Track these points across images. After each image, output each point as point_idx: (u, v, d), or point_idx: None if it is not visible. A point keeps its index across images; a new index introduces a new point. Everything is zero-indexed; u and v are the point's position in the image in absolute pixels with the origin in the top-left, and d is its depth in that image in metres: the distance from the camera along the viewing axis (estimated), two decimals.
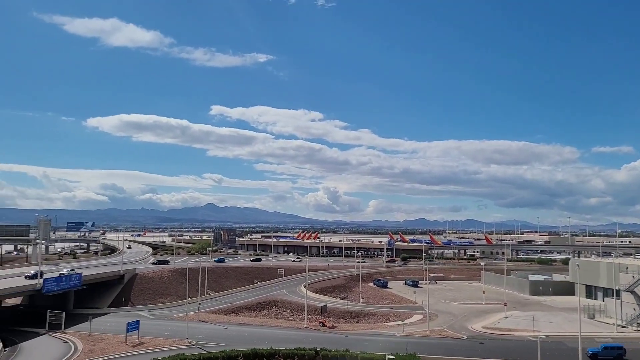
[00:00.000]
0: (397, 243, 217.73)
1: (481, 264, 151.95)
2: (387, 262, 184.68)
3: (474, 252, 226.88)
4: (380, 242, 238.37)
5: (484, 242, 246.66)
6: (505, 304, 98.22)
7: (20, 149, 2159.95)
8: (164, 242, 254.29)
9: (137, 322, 73.34)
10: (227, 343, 69.10)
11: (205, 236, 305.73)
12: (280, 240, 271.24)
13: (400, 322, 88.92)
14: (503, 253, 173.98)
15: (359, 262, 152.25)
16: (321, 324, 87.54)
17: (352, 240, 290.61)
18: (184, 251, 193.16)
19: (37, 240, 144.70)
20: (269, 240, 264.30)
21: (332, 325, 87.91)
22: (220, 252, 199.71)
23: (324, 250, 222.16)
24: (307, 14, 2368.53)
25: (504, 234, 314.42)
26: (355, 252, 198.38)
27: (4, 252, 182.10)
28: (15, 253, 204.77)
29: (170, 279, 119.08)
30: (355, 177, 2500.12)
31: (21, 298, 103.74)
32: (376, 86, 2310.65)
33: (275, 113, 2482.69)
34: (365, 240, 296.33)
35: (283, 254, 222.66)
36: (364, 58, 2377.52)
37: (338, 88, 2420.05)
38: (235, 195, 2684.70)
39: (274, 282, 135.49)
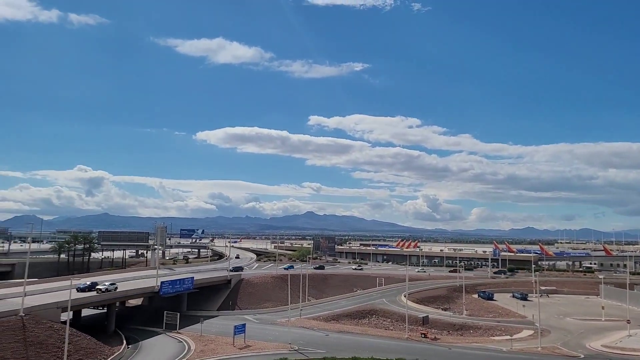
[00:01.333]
0: (502, 253, 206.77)
1: (599, 277, 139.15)
2: (450, 271, 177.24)
3: (590, 264, 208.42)
4: (485, 251, 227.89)
5: (603, 253, 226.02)
6: (628, 321, 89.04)
7: (141, 163, 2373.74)
8: (267, 249, 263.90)
9: (243, 325, 76.76)
10: (327, 350, 69.88)
11: (306, 243, 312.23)
12: (379, 248, 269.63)
13: (508, 337, 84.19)
14: (625, 265, 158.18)
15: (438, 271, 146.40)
16: (423, 335, 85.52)
17: (454, 249, 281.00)
18: (286, 258, 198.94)
19: (155, 246, 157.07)
20: (368, 248, 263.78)
21: (435, 337, 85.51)
22: (320, 259, 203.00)
23: (424, 260, 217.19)
24: (402, 19, 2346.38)
25: (626, 244, 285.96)
26: (457, 262, 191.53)
27: (127, 257, 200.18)
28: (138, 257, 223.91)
29: (273, 284, 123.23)
30: (456, 184, 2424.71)
31: (142, 299, 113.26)
32: (477, 89, 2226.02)
33: (372, 121, 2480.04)
34: (468, 249, 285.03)
35: (382, 262, 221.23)
36: (463, 60, 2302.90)
37: (436, 93, 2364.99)
38: (334, 204, 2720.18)
39: (373, 291, 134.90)
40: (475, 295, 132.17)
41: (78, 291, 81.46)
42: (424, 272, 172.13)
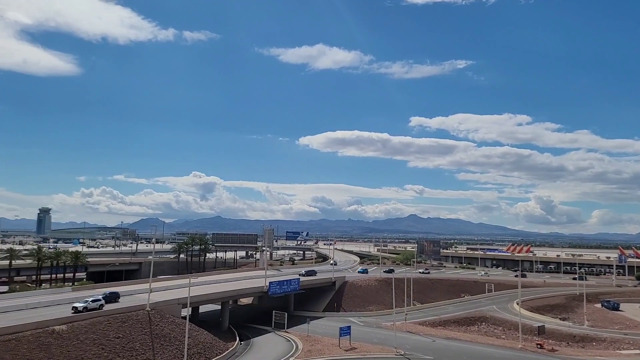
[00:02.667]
0: (629, 259, 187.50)
1: None
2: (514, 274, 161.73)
3: None
4: (608, 257, 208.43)
5: None
6: None
7: (248, 168, 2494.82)
8: (370, 252, 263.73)
9: (349, 327, 77.37)
10: (435, 356, 68.19)
11: (409, 247, 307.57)
12: (487, 253, 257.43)
13: (637, 352, 76.13)
14: None
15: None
16: (539, 346, 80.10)
17: (572, 255, 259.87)
18: (389, 261, 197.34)
19: (264, 248, 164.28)
20: (475, 252, 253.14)
21: (552, 349, 79.71)
22: (425, 263, 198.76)
23: (539, 266, 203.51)
24: (508, 12, 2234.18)
25: None
26: (577, 268, 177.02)
27: (238, 257, 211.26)
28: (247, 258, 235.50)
29: (377, 287, 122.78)
30: (573, 184, 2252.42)
31: (252, 298, 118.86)
32: (595, 81, 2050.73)
33: (477, 120, 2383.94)
34: (588, 255, 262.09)
35: (491, 267, 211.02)
36: (578, 51, 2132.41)
37: (548, 87, 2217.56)
38: (438, 206, 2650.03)
39: (482, 297, 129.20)
40: (598, 305, 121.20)
41: (80, 310, 62.44)
42: (487, 275, 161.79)
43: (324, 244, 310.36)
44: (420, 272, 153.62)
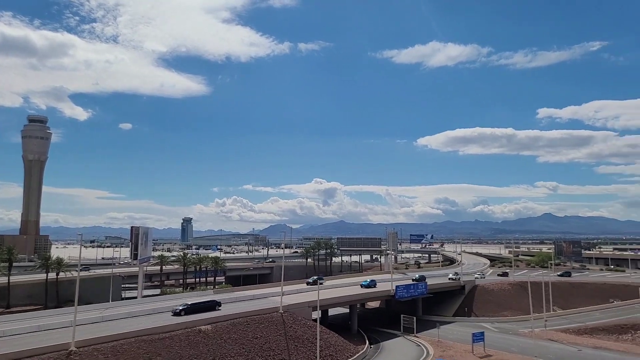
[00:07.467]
0: None
1: None
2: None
3: None
4: None
5: None
6: None
7: (367, 172, 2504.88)
8: (500, 254, 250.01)
9: (482, 333, 74.14)
10: None
11: (545, 248, 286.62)
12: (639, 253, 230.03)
13: None
14: None
15: None
16: None
17: None
18: (523, 264, 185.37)
19: (388, 251, 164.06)
20: (624, 253, 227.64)
21: None
22: (564, 265, 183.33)
23: None
24: None
25: None
26: None
27: (363, 261, 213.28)
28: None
29: (511, 292, 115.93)
30: None
31: (379, 302, 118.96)
32: None
33: (617, 105, 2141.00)
34: None
35: None
36: None
37: None
38: (576, 203, 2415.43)
39: (635, 302, 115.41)
40: None
41: None
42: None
43: (441, 247, 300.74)
44: (558, 275, 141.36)
